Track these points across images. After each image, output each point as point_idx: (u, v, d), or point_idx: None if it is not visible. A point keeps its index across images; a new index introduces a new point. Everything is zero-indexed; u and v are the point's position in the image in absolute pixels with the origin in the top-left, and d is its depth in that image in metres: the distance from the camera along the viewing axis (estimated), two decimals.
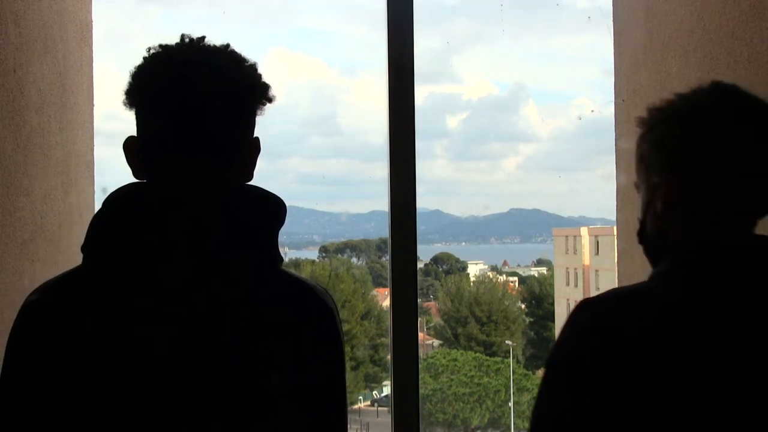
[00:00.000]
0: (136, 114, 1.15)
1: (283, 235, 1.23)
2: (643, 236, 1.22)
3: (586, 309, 1.09)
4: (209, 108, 1.11)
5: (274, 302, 1.15)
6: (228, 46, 1.17)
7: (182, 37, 1.17)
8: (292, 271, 1.24)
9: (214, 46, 1.16)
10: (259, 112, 1.18)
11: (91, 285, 1.13)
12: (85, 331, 1.09)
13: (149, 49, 1.15)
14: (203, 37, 1.17)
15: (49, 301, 1.13)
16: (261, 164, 1.19)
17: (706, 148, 1.13)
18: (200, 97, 1.11)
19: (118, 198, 1.18)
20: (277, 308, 1.15)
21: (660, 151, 1.18)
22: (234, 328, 1.10)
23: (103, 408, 1.06)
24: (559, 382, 1.06)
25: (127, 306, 1.09)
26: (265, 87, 1.17)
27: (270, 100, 1.18)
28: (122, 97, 1.15)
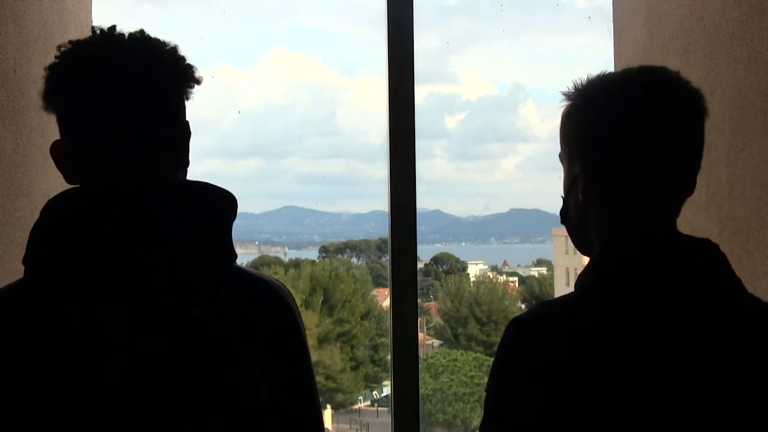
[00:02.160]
0: (57, 116, 1.11)
1: (283, 235, 1.21)
2: (565, 217, 1.19)
3: (515, 329, 1.08)
4: (130, 96, 1.07)
5: (231, 300, 1.08)
6: (142, 32, 1.12)
7: (93, 30, 1.12)
8: (248, 267, 1.18)
9: (129, 34, 1.11)
10: (186, 95, 1.14)
11: (35, 297, 1.06)
12: (34, 344, 1.02)
13: (59, 47, 1.11)
14: (114, 26, 1.12)
15: None
16: (260, 164, 1.17)
17: (615, 143, 1.09)
18: (119, 86, 1.06)
19: (55, 205, 1.11)
20: (234, 307, 1.08)
21: (577, 138, 1.14)
22: (190, 329, 1.04)
23: (56, 418, 1.01)
24: (498, 404, 1.07)
25: (75, 316, 1.03)
26: (188, 68, 1.13)
27: (197, 82, 1.14)
28: (40, 102, 1.11)
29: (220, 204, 1.13)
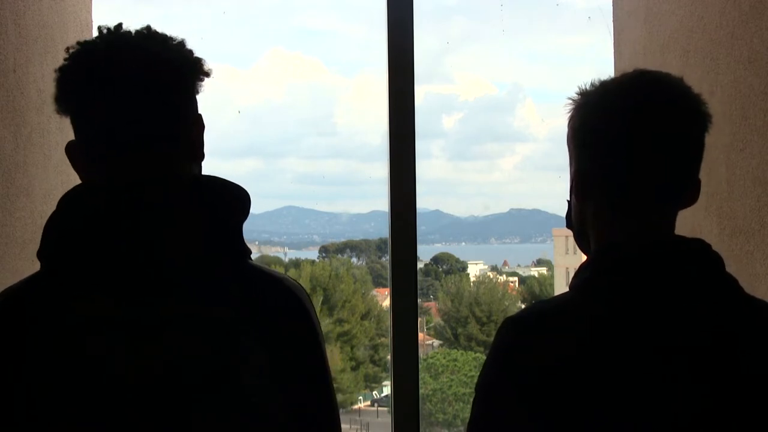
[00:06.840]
0: (71, 118, 1.12)
1: (283, 235, 1.20)
2: (569, 220, 1.20)
3: (509, 328, 1.08)
4: (139, 93, 1.07)
5: (245, 298, 1.08)
6: (149, 28, 1.13)
7: (99, 29, 1.12)
8: (260, 264, 1.17)
9: (135, 31, 1.12)
10: (197, 89, 1.14)
11: (50, 291, 1.05)
12: (49, 340, 1.02)
13: (68, 49, 1.12)
14: (120, 24, 1.12)
15: (8, 311, 1.07)
16: (259, 164, 1.16)
17: (609, 144, 1.10)
18: (127, 84, 1.07)
19: (72, 198, 1.10)
20: (249, 304, 1.07)
21: (573, 142, 1.15)
22: (204, 327, 1.04)
23: (70, 417, 1.01)
24: (489, 404, 1.06)
25: (89, 312, 1.03)
26: (197, 61, 1.13)
27: (207, 74, 1.14)
28: (52, 105, 1.11)
29: (231, 201, 1.13)
